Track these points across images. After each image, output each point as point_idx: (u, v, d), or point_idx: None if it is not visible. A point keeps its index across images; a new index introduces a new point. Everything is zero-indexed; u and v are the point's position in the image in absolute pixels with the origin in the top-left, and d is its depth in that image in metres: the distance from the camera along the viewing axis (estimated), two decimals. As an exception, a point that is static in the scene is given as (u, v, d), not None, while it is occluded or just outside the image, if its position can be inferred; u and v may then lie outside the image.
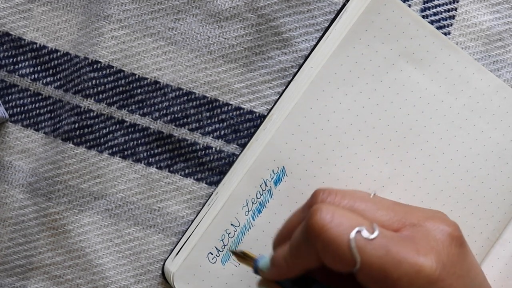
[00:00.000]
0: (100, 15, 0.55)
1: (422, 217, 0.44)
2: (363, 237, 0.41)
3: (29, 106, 0.55)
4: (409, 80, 0.52)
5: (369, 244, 0.41)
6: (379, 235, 0.42)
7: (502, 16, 0.56)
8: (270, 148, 0.52)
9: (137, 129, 0.55)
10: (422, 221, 0.44)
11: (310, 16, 0.55)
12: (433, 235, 0.43)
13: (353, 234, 0.41)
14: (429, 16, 0.55)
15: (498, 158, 0.53)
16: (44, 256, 0.55)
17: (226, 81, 0.55)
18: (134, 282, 0.55)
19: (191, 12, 0.55)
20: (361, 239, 0.41)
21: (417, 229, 0.43)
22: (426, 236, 0.43)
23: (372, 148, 0.52)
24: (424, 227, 0.43)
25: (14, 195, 0.55)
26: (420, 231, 0.43)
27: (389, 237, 0.42)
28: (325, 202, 0.45)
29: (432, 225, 0.43)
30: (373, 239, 0.42)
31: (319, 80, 0.52)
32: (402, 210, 0.45)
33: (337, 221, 0.42)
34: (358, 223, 0.42)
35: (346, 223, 0.42)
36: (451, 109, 0.53)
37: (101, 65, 0.55)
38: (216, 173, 0.55)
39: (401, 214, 0.44)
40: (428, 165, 0.53)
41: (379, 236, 0.42)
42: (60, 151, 0.55)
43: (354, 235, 0.41)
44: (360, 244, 0.41)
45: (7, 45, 0.55)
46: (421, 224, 0.43)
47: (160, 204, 0.55)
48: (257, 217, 0.52)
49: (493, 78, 0.53)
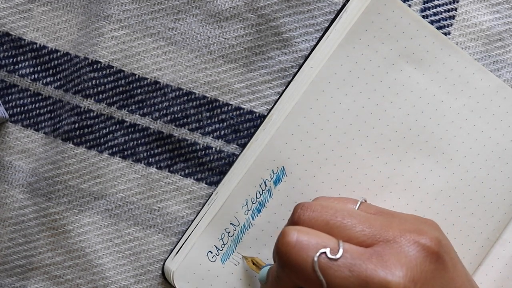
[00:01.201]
0: (100, 15, 0.55)
1: (399, 230, 0.44)
2: (328, 257, 0.42)
3: (29, 106, 0.55)
4: (409, 80, 0.52)
5: (333, 265, 0.41)
6: (344, 255, 0.42)
7: (502, 16, 0.56)
8: (270, 148, 0.52)
9: (137, 129, 0.55)
10: (398, 236, 0.43)
11: (310, 16, 0.55)
12: (406, 251, 0.42)
13: (316, 256, 0.42)
14: (429, 16, 0.55)
15: (498, 158, 0.53)
16: (44, 256, 0.55)
17: (226, 81, 0.55)
18: (134, 282, 0.55)
19: (191, 12, 0.55)
20: (325, 261, 0.42)
21: (390, 245, 0.43)
22: (398, 252, 0.42)
23: (372, 148, 0.52)
24: (398, 243, 0.43)
25: (14, 195, 0.55)
26: (392, 247, 0.43)
27: (356, 255, 0.42)
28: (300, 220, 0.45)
29: (407, 239, 0.43)
30: (338, 259, 0.42)
31: (319, 80, 0.52)
32: (379, 224, 0.44)
33: (302, 243, 0.42)
34: (323, 243, 0.42)
35: (310, 245, 0.42)
36: (451, 109, 0.53)
37: (101, 65, 0.55)
38: (216, 173, 0.55)
39: (377, 228, 0.44)
40: (428, 165, 0.53)
41: (345, 255, 0.42)
42: (60, 151, 0.55)
43: (317, 257, 0.42)
44: (323, 265, 0.42)
45: (7, 45, 0.55)
46: (396, 239, 0.43)
47: (160, 204, 0.55)
48: (256, 216, 0.52)
49: (493, 78, 0.53)
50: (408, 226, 0.44)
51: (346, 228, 0.44)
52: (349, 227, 0.44)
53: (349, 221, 0.44)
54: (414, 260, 0.42)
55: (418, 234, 0.43)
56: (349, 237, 0.43)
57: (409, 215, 0.46)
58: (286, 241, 0.43)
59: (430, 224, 0.45)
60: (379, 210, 0.47)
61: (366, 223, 0.44)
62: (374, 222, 0.44)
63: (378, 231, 0.44)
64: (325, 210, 0.45)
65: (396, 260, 0.42)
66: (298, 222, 0.45)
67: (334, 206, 0.46)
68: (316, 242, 0.42)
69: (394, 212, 0.47)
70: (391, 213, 0.46)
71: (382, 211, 0.47)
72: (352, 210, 0.46)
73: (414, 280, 0.41)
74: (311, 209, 0.45)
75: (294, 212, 0.46)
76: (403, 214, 0.46)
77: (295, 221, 0.45)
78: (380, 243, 0.43)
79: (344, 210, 0.45)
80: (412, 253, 0.42)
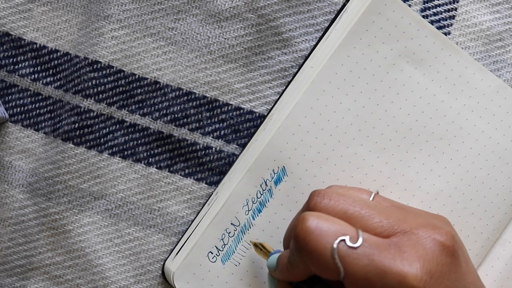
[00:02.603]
0: (100, 15, 0.55)
1: (415, 223, 0.43)
2: (347, 245, 0.41)
3: (29, 106, 0.55)
4: (409, 80, 0.52)
5: (352, 253, 0.41)
6: (363, 244, 0.42)
7: (502, 16, 0.56)
8: (271, 148, 0.52)
9: (137, 129, 0.55)
10: (415, 228, 0.43)
11: (310, 16, 0.55)
12: (423, 244, 0.42)
13: (336, 243, 0.41)
14: (429, 16, 0.55)
15: (498, 159, 0.53)
16: (44, 256, 0.55)
17: (226, 81, 0.55)
18: (134, 282, 0.55)
19: (191, 12, 0.55)
20: (344, 248, 0.41)
21: (408, 236, 0.43)
22: (415, 244, 0.42)
23: (372, 148, 0.52)
24: (415, 235, 0.43)
25: (14, 195, 0.55)
26: (410, 239, 0.42)
27: (374, 245, 0.42)
28: (317, 207, 0.45)
29: (424, 233, 0.43)
30: (357, 248, 0.41)
31: (319, 80, 0.52)
32: (396, 215, 0.44)
33: (321, 229, 0.42)
34: (343, 231, 0.42)
35: (330, 232, 0.42)
36: (451, 109, 0.53)
37: (101, 65, 0.55)
38: (216, 173, 0.55)
39: (394, 219, 0.44)
40: (428, 165, 0.53)
41: (364, 244, 0.42)
42: (60, 151, 0.55)
43: (337, 244, 0.41)
44: (342, 253, 0.41)
45: (7, 45, 0.55)
46: (412, 231, 0.43)
47: (160, 204, 0.55)
48: (257, 216, 0.52)
49: (493, 78, 0.53)
50: (422, 221, 0.44)
51: (364, 218, 0.44)
52: (366, 217, 0.44)
53: (367, 211, 0.44)
54: (430, 253, 0.42)
55: (433, 228, 0.43)
56: (366, 227, 0.43)
57: (421, 210, 0.46)
58: (305, 226, 0.42)
59: (442, 219, 0.45)
60: (392, 203, 0.47)
61: (384, 214, 0.44)
62: (391, 213, 0.44)
63: (396, 222, 0.43)
64: (343, 199, 0.45)
65: (413, 251, 0.42)
66: (315, 210, 0.45)
67: (352, 195, 0.45)
68: (336, 229, 0.42)
69: (407, 206, 0.47)
70: (404, 207, 0.46)
71: (395, 204, 0.47)
72: (368, 200, 0.46)
73: (431, 272, 0.41)
74: (329, 197, 0.45)
75: (310, 199, 0.45)
76: (415, 209, 0.46)
77: (311, 208, 0.45)
78: (398, 234, 0.43)
79: (361, 200, 0.45)
80: (429, 246, 0.42)
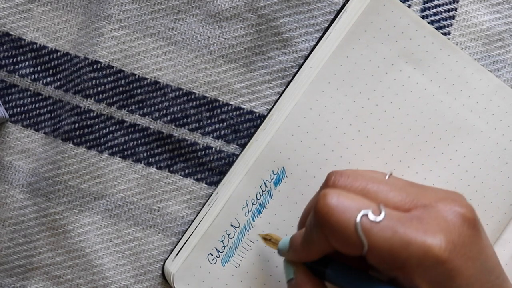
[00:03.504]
0: (100, 15, 0.55)
1: (434, 198, 0.44)
2: (370, 219, 0.41)
3: (29, 106, 0.55)
4: (408, 80, 0.52)
5: (375, 226, 0.41)
6: (386, 217, 0.42)
7: (502, 16, 0.56)
8: (270, 149, 0.52)
9: (137, 129, 0.55)
10: (434, 202, 0.43)
11: (310, 16, 0.55)
12: (444, 216, 0.42)
13: (359, 217, 0.41)
14: (429, 16, 0.55)
15: (497, 158, 0.53)
16: (44, 256, 0.55)
17: (226, 81, 0.55)
18: (134, 282, 0.55)
19: (191, 12, 0.55)
20: (368, 222, 0.41)
21: (428, 209, 0.43)
22: (437, 216, 0.42)
23: (372, 148, 0.52)
24: (436, 208, 0.43)
25: (14, 195, 0.55)
26: (431, 212, 0.42)
27: (396, 218, 0.42)
28: (336, 185, 0.45)
29: (444, 206, 0.43)
30: (380, 222, 0.41)
31: (318, 80, 0.52)
32: (414, 191, 0.44)
33: (343, 205, 0.42)
34: (364, 206, 0.42)
35: (352, 207, 0.42)
36: (450, 109, 0.53)
37: (101, 65, 0.55)
38: (216, 173, 0.55)
39: (413, 195, 0.44)
40: (427, 165, 0.53)
41: (386, 218, 0.42)
42: (60, 151, 0.55)
43: (360, 218, 0.41)
44: (366, 227, 0.41)
45: (7, 45, 0.55)
46: (432, 205, 0.43)
47: (160, 204, 0.55)
48: (257, 217, 0.52)
49: (492, 78, 0.53)
50: (440, 195, 0.44)
51: (383, 193, 0.44)
52: (386, 193, 0.44)
53: (385, 187, 0.44)
54: (452, 225, 0.42)
55: (453, 201, 0.43)
56: (386, 202, 0.43)
57: (436, 187, 0.46)
58: (327, 202, 0.42)
59: (459, 194, 0.45)
60: (408, 182, 0.46)
61: (402, 190, 0.44)
62: (410, 189, 0.44)
63: (415, 196, 0.44)
64: (360, 177, 0.45)
65: (435, 224, 0.42)
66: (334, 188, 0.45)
67: (368, 174, 0.46)
68: (358, 204, 0.42)
69: (422, 184, 0.47)
70: (420, 185, 0.46)
71: (411, 183, 0.46)
72: (385, 179, 0.46)
73: (454, 243, 0.41)
74: (346, 175, 0.45)
75: (328, 178, 0.45)
76: (431, 187, 0.46)
77: (330, 186, 0.45)
78: (418, 208, 0.43)
79: (378, 177, 0.45)
80: (450, 218, 0.42)
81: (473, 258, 0.42)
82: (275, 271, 0.52)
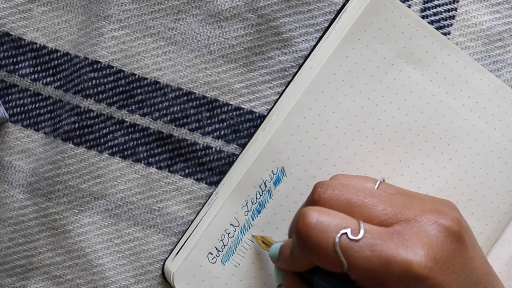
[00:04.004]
0: (100, 15, 0.55)
1: (420, 210, 0.44)
2: (349, 238, 0.41)
3: (29, 106, 0.55)
4: (408, 80, 0.52)
5: (354, 245, 0.41)
6: (365, 235, 0.42)
7: (502, 16, 0.56)
8: (270, 149, 0.52)
9: (137, 129, 0.55)
10: (419, 216, 0.43)
11: (310, 16, 0.55)
12: (427, 231, 0.42)
13: (337, 237, 0.42)
14: (429, 16, 0.55)
15: (497, 158, 0.53)
16: (44, 256, 0.55)
17: (226, 81, 0.55)
18: (134, 282, 0.55)
19: (191, 12, 0.55)
20: (347, 241, 0.42)
21: (411, 224, 0.43)
22: (419, 231, 0.42)
23: (371, 148, 0.52)
24: (419, 222, 0.43)
25: (14, 195, 0.55)
26: (413, 227, 0.42)
27: (377, 235, 0.42)
28: (321, 198, 0.45)
29: (428, 219, 0.43)
30: (359, 240, 0.42)
31: (318, 80, 0.52)
32: (401, 202, 0.44)
33: (322, 224, 0.42)
34: (344, 225, 0.42)
35: (331, 226, 0.42)
36: (450, 109, 0.53)
37: (101, 65, 0.55)
38: (216, 173, 0.55)
39: (398, 207, 0.44)
40: (427, 165, 0.53)
41: (366, 235, 0.42)
42: (60, 151, 0.55)
43: (338, 238, 0.42)
44: (344, 246, 0.41)
45: (7, 45, 0.55)
46: (416, 219, 0.43)
47: (160, 204, 0.55)
48: (256, 217, 0.52)
49: (492, 78, 0.53)
50: (428, 207, 0.44)
51: (367, 207, 0.44)
52: (370, 206, 0.44)
53: (371, 200, 0.44)
54: (435, 240, 0.42)
55: (439, 214, 0.43)
56: (370, 216, 0.43)
57: (428, 196, 0.46)
58: (306, 222, 0.42)
59: (448, 205, 0.45)
60: (398, 190, 0.47)
61: (388, 203, 0.44)
62: (395, 201, 0.44)
63: (400, 210, 0.43)
64: (346, 189, 0.45)
65: (417, 239, 0.42)
66: (319, 201, 0.45)
67: (355, 185, 0.45)
68: (337, 223, 0.42)
69: (413, 192, 0.47)
70: (410, 194, 0.46)
71: (401, 191, 0.46)
72: (372, 189, 0.46)
73: (435, 259, 0.41)
74: (332, 188, 0.45)
75: (314, 190, 0.45)
76: (422, 195, 0.46)
77: (316, 199, 0.45)
78: (401, 223, 0.43)
79: (365, 189, 0.45)
80: (433, 233, 0.42)
81: (458, 272, 0.42)
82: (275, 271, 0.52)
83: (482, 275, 0.44)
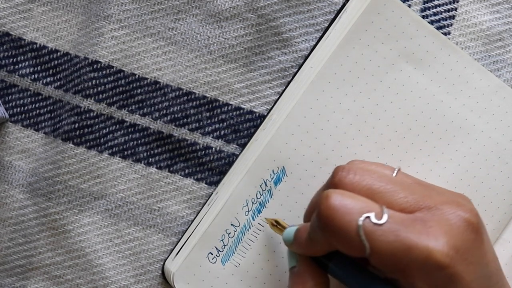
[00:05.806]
0: (100, 15, 0.55)
1: (440, 200, 0.43)
2: (372, 222, 0.41)
3: (29, 106, 0.55)
4: (408, 80, 0.52)
5: (378, 229, 0.41)
6: (388, 220, 0.41)
7: (502, 16, 0.56)
8: (270, 148, 0.52)
9: (137, 129, 0.55)
10: (439, 204, 0.43)
11: (310, 16, 0.55)
12: (448, 219, 0.42)
13: (361, 220, 0.41)
14: (429, 16, 0.55)
15: (497, 158, 0.53)
16: (44, 256, 0.55)
17: (226, 81, 0.55)
18: (134, 282, 0.55)
19: (191, 12, 0.55)
20: (370, 225, 0.41)
21: (432, 212, 0.42)
22: (440, 219, 0.42)
23: (372, 148, 0.52)
24: (440, 210, 0.42)
25: (14, 195, 0.55)
26: (435, 214, 0.42)
27: (399, 221, 0.41)
28: (342, 182, 0.44)
29: (449, 209, 0.43)
30: (382, 225, 0.41)
31: (319, 80, 0.52)
32: (421, 192, 0.44)
33: (346, 207, 0.42)
34: (367, 208, 0.42)
35: (355, 209, 0.42)
36: (451, 109, 0.53)
37: (101, 65, 0.55)
38: (216, 173, 0.55)
39: (419, 195, 0.44)
40: (428, 165, 0.53)
41: (389, 221, 0.41)
42: (60, 151, 0.55)
43: (362, 221, 0.41)
44: (368, 230, 0.41)
45: (7, 45, 0.55)
46: (437, 207, 0.43)
47: (160, 204, 0.55)
48: (257, 217, 0.52)
49: (492, 78, 0.53)
50: (446, 198, 0.44)
51: (389, 193, 0.43)
52: (391, 193, 0.43)
53: (392, 187, 0.44)
54: (456, 229, 0.42)
55: (458, 205, 0.43)
56: (391, 203, 0.43)
57: (443, 188, 0.46)
58: (329, 204, 0.42)
59: (465, 198, 0.45)
60: (415, 180, 0.46)
61: (408, 190, 0.44)
62: (415, 190, 0.44)
63: (421, 197, 0.43)
64: (368, 174, 0.44)
65: (438, 227, 0.41)
66: (340, 185, 0.44)
67: (376, 171, 0.45)
68: (361, 207, 0.42)
69: (430, 183, 0.46)
70: (427, 184, 0.46)
71: (418, 181, 0.46)
72: (392, 176, 0.45)
73: (456, 247, 0.41)
74: (354, 172, 0.44)
75: (334, 174, 0.45)
76: (438, 187, 0.46)
77: (336, 183, 0.44)
78: (423, 210, 0.43)
79: (386, 175, 0.45)
80: (454, 222, 0.42)
81: (475, 263, 0.42)
82: (275, 270, 0.52)
83: (494, 270, 0.44)
